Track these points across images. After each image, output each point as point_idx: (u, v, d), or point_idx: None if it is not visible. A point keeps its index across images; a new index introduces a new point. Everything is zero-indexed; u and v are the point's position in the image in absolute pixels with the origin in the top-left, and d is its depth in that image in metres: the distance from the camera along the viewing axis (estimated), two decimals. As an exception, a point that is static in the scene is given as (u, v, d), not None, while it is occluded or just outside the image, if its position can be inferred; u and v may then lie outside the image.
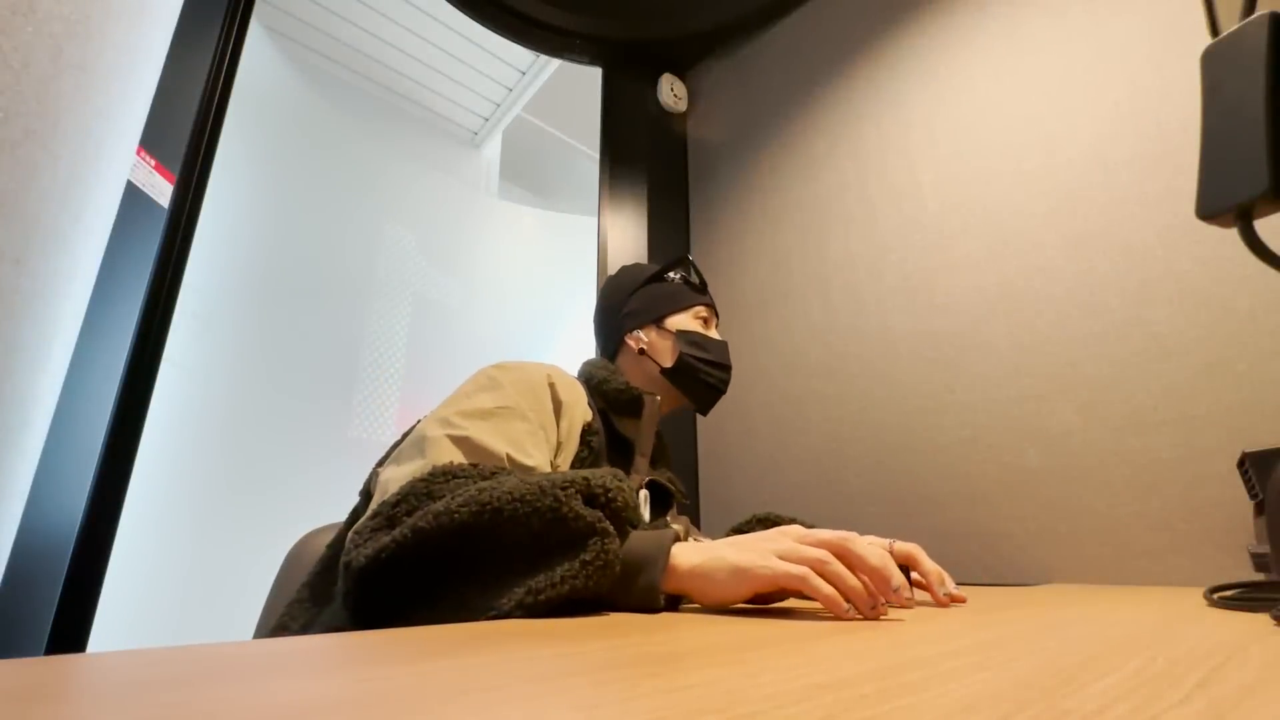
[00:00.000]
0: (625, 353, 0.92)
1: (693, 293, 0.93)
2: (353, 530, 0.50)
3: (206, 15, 1.26)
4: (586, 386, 0.81)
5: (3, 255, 0.82)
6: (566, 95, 2.60)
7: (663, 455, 0.89)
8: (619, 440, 0.82)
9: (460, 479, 0.52)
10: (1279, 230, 0.42)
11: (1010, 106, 1.24)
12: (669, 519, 0.82)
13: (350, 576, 0.47)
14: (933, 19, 1.41)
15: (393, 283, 2.23)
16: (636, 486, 0.79)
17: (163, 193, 1.14)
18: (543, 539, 0.46)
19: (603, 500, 0.48)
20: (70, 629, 0.92)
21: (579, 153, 2.99)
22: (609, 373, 0.85)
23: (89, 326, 1.09)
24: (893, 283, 1.35)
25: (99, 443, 0.99)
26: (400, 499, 0.50)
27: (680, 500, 0.86)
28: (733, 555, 0.47)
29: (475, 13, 1.84)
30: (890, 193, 1.40)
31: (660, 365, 0.88)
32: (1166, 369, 0.96)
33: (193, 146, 1.17)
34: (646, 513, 0.80)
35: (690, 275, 0.95)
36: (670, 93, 1.96)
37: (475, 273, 2.49)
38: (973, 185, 1.27)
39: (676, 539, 0.50)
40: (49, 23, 0.84)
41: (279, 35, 2.26)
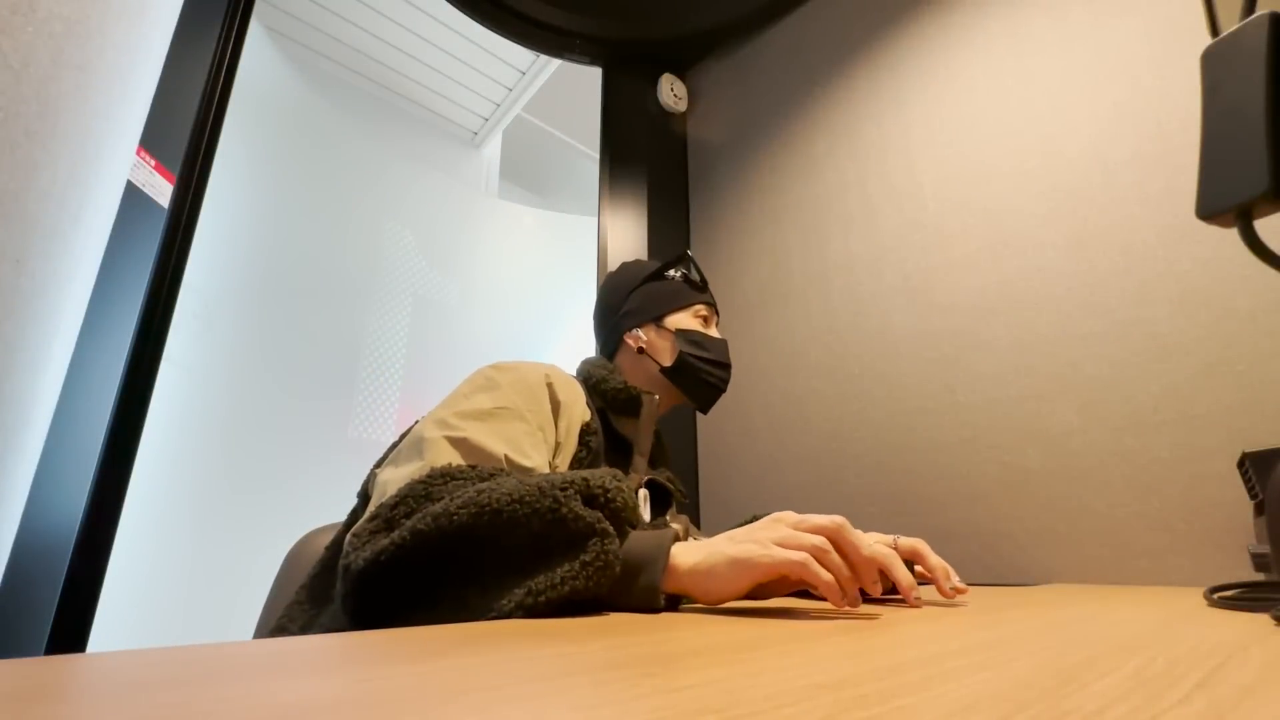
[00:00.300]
0: (624, 351, 0.91)
1: (693, 291, 0.92)
2: (351, 533, 0.50)
3: (206, 15, 1.26)
4: (585, 386, 0.81)
5: (3, 255, 0.82)
6: (566, 95, 2.60)
7: (662, 454, 0.88)
8: (618, 440, 0.82)
9: (459, 480, 0.52)
10: (1279, 230, 0.42)
11: (1010, 106, 1.24)
12: (668, 518, 0.82)
13: (349, 579, 0.47)
14: (933, 19, 1.41)
15: (393, 283, 2.23)
16: (635, 486, 0.79)
17: (163, 193, 1.14)
18: (542, 540, 0.46)
19: (602, 501, 0.48)
20: (70, 629, 0.92)
21: (579, 153, 2.99)
22: (607, 372, 0.84)
23: (89, 326, 1.09)
24: (893, 283, 1.35)
25: (99, 443, 0.99)
26: (399, 501, 0.50)
27: (680, 499, 0.86)
28: (731, 549, 0.47)
29: (475, 13, 1.84)
30: (890, 193, 1.40)
31: (660, 364, 0.88)
32: (1166, 369, 0.97)
33: (193, 146, 1.17)
34: (646, 512, 0.79)
35: (691, 272, 0.94)
36: (670, 93, 1.95)
37: (475, 273, 2.49)
38: (973, 185, 1.27)
39: (676, 539, 0.50)
40: (49, 23, 0.84)
41: (279, 35, 2.26)
